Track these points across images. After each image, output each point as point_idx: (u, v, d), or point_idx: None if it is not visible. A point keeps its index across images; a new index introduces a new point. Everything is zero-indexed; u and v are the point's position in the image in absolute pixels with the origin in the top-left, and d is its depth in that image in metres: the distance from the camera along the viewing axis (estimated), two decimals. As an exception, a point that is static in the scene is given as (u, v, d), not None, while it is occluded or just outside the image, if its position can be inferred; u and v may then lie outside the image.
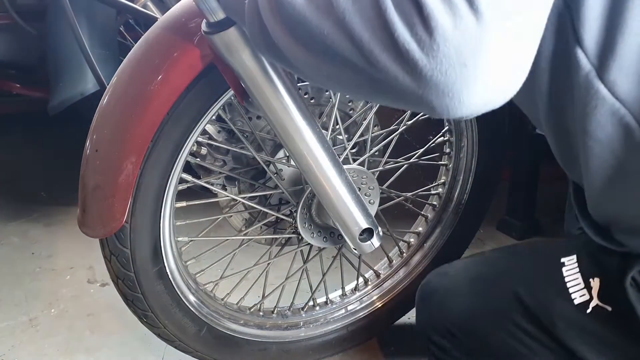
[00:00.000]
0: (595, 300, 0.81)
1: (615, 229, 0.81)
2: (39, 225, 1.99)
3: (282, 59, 0.64)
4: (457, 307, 0.94)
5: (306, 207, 1.12)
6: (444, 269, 1.02)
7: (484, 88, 0.53)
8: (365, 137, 1.20)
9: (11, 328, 1.47)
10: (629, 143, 0.70)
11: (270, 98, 0.90)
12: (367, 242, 1.03)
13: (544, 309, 0.84)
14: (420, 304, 1.02)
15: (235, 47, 0.84)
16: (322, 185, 0.98)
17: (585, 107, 0.71)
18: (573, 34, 0.69)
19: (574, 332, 0.83)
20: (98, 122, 0.96)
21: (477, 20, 0.50)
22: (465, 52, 0.51)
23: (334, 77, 0.60)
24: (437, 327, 0.96)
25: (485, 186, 1.34)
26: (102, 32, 1.74)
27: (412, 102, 0.55)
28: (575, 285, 0.82)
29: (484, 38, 0.51)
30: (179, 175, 1.04)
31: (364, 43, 0.54)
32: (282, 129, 0.93)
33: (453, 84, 0.52)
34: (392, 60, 0.53)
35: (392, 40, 0.52)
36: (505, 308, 0.88)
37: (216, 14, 0.83)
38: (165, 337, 1.15)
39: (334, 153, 0.97)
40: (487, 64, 0.52)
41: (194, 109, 0.98)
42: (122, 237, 1.01)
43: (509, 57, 0.53)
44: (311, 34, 0.58)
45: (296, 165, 1.05)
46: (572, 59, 0.70)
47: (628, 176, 0.73)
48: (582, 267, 0.83)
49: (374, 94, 0.59)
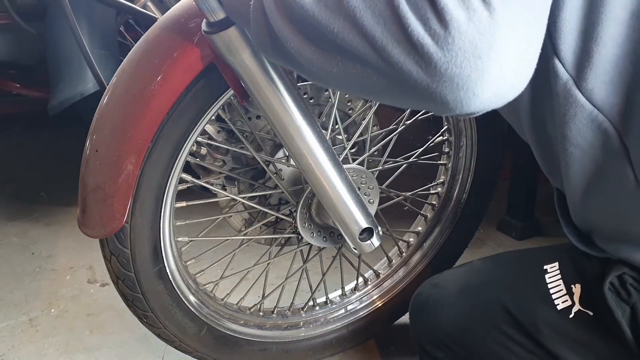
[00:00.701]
0: (577, 306, 0.83)
1: (597, 236, 0.83)
2: (39, 225, 2.00)
3: (289, 59, 0.64)
4: (447, 318, 0.96)
5: (306, 206, 1.12)
6: (435, 280, 1.04)
7: (497, 81, 0.54)
8: (364, 137, 1.20)
9: (11, 328, 1.47)
10: (608, 148, 0.73)
11: (270, 97, 0.90)
12: (367, 242, 1.03)
13: (529, 316, 0.86)
14: (414, 316, 1.04)
15: (235, 46, 0.84)
16: (322, 184, 0.98)
17: (565, 115, 0.73)
18: (551, 45, 0.71)
19: (558, 338, 0.84)
20: (98, 122, 0.96)
21: (490, 13, 0.51)
22: (480, 44, 0.52)
23: (344, 76, 0.60)
24: (430, 339, 0.98)
25: (484, 185, 1.35)
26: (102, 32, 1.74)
27: (424, 98, 0.55)
28: (557, 292, 0.85)
29: (497, 31, 0.52)
30: (179, 175, 1.04)
31: (377, 39, 0.54)
32: (282, 128, 0.93)
33: (468, 76, 0.52)
34: (406, 55, 0.53)
35: (406, 34, 0.53)
36: (493, 317, 0.90)
37: (216, 14, 0.83)
38: (165, 337, 1.15)
39: (333, 153, 0.97)
40: (501, 57, 0.53)
41: (193, 108, 0.98)
42: (122, 238, 1.01)
43: (520, 51, 0.54)
44: (321, 33, 0.58)
45: (296, 165, 1.05)
46: (550, 70, 0.72)
47: (608, 181, 0.75)
48: (564, 274, 0.85)
49: (384, 92, 0.59)
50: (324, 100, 1.17)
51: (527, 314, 0.86)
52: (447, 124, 1.30)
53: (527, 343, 0.87)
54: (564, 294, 0.84)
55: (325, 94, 1.16)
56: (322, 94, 1.16)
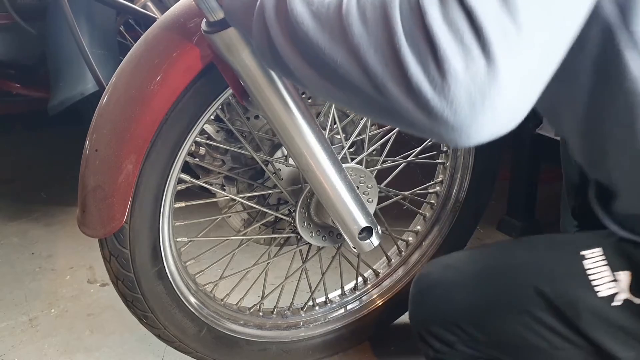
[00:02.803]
0: (626, 293, 0.81)
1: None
2: (39, 225, 2.00)
3: (289, 74, 0.65)
4: (464, 299, 0.93)
5: (305, 206, 1.12)
6: (444, 261, 1.02)
7: (491, 124, 0.55)
8: (362, 136, 1.20)
9: (11, 328, 1.47)
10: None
11: (269, 97, 0.90)
12: (366, 241, 1.03)
13: (568, 302, 0.84)
14: (419, 296, 1.01)
15: (235, 46, 0.84)
16: (321, 184, 0.98)
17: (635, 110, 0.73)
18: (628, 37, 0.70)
19: (599, 325, 0.82)
20: (98, 122, 0.96)
21: (488, 63, 0.52)
22: (474, 93, 0.53)
23: (344, 100, 0.62)
24: (440, 320, 0.96)
25: (483, 184, 1.35)
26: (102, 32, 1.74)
27: (422, 131, 0.58)
28: (600, 279, 0.83)
29: (493, 82, 0.52)
30: (178, 175, 1.04)
31: (377, 76, 0.56)
32: (282, 127, 0.93)
33: (462, 122, 0.54)
34: (404, 95, 0.55)
35: (405, 77, 0.54)
36: (523, 301, 0.88)
37: (216, 14, 0.83)
38: (165, 338, 1.15)
39: (333, 152, 0.97)
40: (496, 104, 0.53)
41: (192, 108, 0.98)
42: (122, 238, 1.01)
43: (517, 96, 0.55)
44: (323, 60, 0.59)
45: (295, 164, 1.05)
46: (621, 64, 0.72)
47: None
48: (610, 260, 0.83)
49: (383, 119, 0.61)
50: (322, 100, 1.17)
51: (565, 300, 0.84)
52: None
53: (564, 330, 0.85)
54: (609, 281, 0.82)
55: (324, 94, 1.16)
56: (321, 94, 1.16)
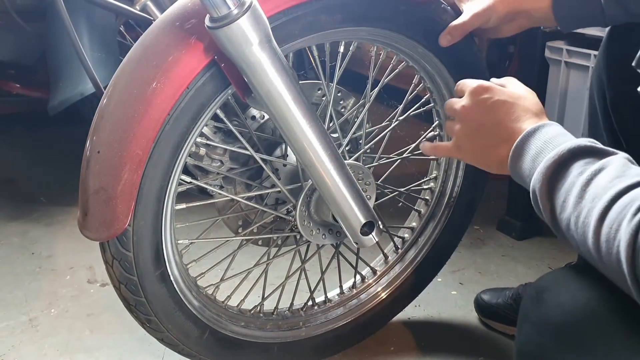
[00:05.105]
0: None
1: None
2: (39, 225, 1.99)
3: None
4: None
5: (305, 204, 1.12)
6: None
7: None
8: (358, 134, 1.21)
9: (11, 328, 1.47)
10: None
11: (273, 93, 0.91)
12: (368, 236, 1.05)
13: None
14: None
15: (239, 41, 0.85)
16: (324, 179, 0.99)
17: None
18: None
19: None
20: (98, 123, 0.94)
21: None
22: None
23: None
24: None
25: (476, 179, 1.35)
26: (102, 34, 1.74)
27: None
28: None
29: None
30: (179, 176, 1.04)
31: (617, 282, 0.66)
32: (285, 123, 0.93)
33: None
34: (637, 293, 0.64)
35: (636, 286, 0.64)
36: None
37: (219, 9, 0.83)
38: (168, 341, 1.13)
39: (335, 148, 0.98)
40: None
41: (194, 108, 0.97)
42: (125, 241, 0.99)
43: None
44: (570, 241, 0.72)
45: (298, 160, 1.05)
46: None
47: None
48: None
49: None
50: (317, 99, 1.17)
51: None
52: (437, 119, 1.30)
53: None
54: None
55: (319, 93, 1.17)
56: (314, 93, 1.17)
